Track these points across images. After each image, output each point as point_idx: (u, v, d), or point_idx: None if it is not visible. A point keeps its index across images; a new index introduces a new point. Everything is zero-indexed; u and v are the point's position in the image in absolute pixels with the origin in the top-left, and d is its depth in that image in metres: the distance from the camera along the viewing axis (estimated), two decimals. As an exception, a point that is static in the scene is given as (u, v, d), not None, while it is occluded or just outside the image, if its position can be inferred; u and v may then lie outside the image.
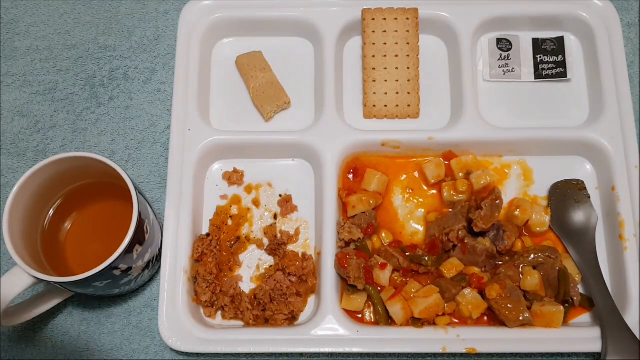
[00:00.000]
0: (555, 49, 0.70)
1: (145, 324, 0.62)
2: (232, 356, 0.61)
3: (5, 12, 0.74)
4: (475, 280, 0.60)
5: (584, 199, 0.64)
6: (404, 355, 0.61)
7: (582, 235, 0.63)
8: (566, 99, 0.69)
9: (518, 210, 0.62)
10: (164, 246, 0.61)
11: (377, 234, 0.64)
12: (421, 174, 0.66)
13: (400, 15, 0.68)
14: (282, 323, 0.60)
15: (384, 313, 0.60)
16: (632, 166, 0.64)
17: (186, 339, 0.58)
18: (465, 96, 0.66)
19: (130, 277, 0.56)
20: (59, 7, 0.75)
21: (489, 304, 0.59)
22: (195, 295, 0.61)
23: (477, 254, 0.61)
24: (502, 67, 0.70)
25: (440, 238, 0.62)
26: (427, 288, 0.60)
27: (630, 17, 0.72)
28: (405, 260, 0.61)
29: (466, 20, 0.68)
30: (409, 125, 0.68)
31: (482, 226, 0.60)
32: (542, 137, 0.66)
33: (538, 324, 0.59)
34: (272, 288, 0.61)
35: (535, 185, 0.66)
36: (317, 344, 0.58)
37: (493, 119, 0.67)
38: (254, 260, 0.64)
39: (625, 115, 0.65)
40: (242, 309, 0.60)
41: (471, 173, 0.64)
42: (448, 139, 0.65)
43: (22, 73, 0.72)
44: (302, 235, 0.65)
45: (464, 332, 0.58)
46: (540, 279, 0.60)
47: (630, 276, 0.60)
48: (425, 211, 0.65)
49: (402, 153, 0.66)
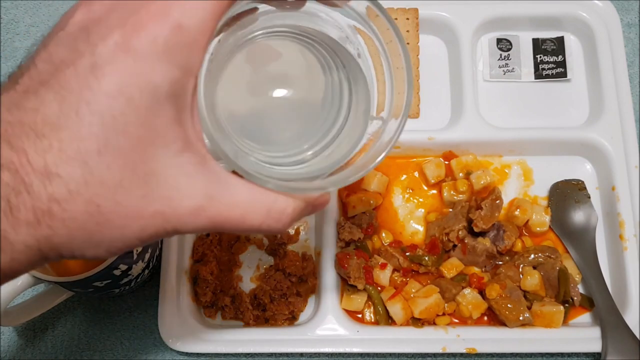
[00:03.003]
0: (555, 49, 0.70)
1: (145, 324, 0.62)
2: (232, 356, 0.61)
3: (5, 12, 0.74)
4: (475, 280, 0.60)
5: (584, 199, 0.64)
6: (404, 355, 0.61)
7: (582, 235, 0.63)
8: (566, 99, 0.69)
9: (518, 210, 0.62)
10: (164, 246, 0.61)
11: (377, 234, 0.64)
12: (421, 174, 0.66)
13: (400, 15, 0.68)
14: (282, 323, 0.60)
15: (384, 313, 0.60)
16: (632, 166, 0.64)
17: (186, 339, 0.58)
18: (465, 96, 0.66)
19: (130, 277, 0.56)
20: (59, 7, 0.74)
21: (489, 304, 0.59)
22: (195, 296, 0.61)
23: (477, 254, 0.61)
24: (502, 67, 0.70)
25: (440, 238, 0.62)
26: (427, 288, 0.60)
27: (630, 17, 0.72)
28: (405, 260, 0.61)
29: (466, 20, 0.68)
30: (409, 125, 0.67)
31: (482, 226, 0.60)
32: (542, 137, 0.66)
33: (538, 324, 0.59)
34: (272, 288, 0.61)
35: (535, 185, 0.66)
36: (317, 344, 0.58)
37: (493, 119, 0.67)
38: (254, 260, 0.64)
39: (625, 115, 0.65)
40: (242, 309, 0.60)
41: (471, 173, 0.64)
42: (448, 139, 0.65)
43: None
44: (302, 235, 0.65)
45: (464, 332, 0.58)
46: (540, 279, 0.60)
47: (630, 276, 0.60)
48: (425, 211, 0.65)
49: (402, 153, 0.66)
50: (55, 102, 0.27)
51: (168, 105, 0.28)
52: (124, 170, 0.27)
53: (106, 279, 0.53)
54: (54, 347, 0.62)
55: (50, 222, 0.27)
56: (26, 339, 0.62)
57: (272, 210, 0.32)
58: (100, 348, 0.62)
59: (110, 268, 0.52)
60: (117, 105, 0.27)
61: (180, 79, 0.28)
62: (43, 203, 0.26)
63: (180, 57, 0.28)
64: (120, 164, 0.27)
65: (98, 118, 0.26)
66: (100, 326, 0.62)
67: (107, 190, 0.27)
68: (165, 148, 0.28)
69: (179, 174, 0.29)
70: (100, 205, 0.27)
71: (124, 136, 0.27)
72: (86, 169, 0.27)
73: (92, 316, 0.63)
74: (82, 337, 0.62)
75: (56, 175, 0.26)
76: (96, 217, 0.27)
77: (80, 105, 0.26)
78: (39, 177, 0.26)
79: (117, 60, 0.27)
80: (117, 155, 0.27)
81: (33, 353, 0.61)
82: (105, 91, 0.27)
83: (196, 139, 0.30)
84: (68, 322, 0.62)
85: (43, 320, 0.62)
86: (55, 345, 0.62)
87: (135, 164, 0.28)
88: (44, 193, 0.26)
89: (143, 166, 0.28)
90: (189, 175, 0.29)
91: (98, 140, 0.27)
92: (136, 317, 0.63)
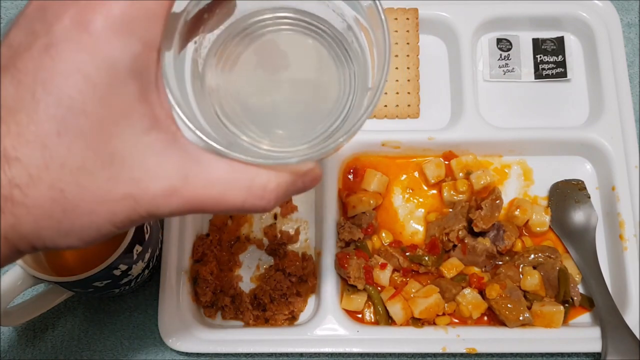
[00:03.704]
0: (555, 49, 0.70)
1: (145, 324, 0.62)
2: (232, 356, 0.61)
3: (5, 12, 0.74)
4: (475, 280, 0.60)
5: (584, 199, 0.64)
6: (404, 355, 0.61)
7: (582, 235, 0.63)
8: (566, 99, 0.69)
9: (518, 210, 0.62)
10: (164, 246, 0.61)
11: (377, 234, 0.64)
12: (421, 174, 0.66)
13: (400, 15, 0.68)
14: (282, 323, 0.60)
15: (384, 313, 0.60)
16: (632, 166, 0.64)
17: (186, 339, 0.58)
18: (465, 96, 0.66)
19: (130, 277, 0.56)
20: (59, 7, 0.74)
21: (489, 304, 0.59)
22: (195, 296, 0.61)
23: (477, 254, 0.61)
24: (502, 67, 0.70)
25: (440, 238, 0.62)
26: (427, 288, 0.60)
27: (630, 17, 0.72)
28: (405, 260, 0.61)
29: (466, 20, 0.68)
30: (409, 125, 0.68)
31: (482, 226, 0.60)
32: (542, 137, 0.66)
33: (538, 324, 0.59)
34: (272, 288, 0.61)
35: (535, 185, 0.66)
36: (317, 344, 0.58)
37: (493, 119, 0.67)
38: (254, 260, 0.64)
39: (625, 115, 0.65)
40: (242, 309, 0.60)
41: (471, 173, 0.64)
42: (448, 139, 0.65)
43: (22, 73, 0.72)
44: (302, 235, 0.65)
45: (464, 332, 0.58)
46: (540, 279, 0.60)
47: (630, 276, 0.60)
48: (425, 211, 0.65)
49: (402, 153, 0.66)
50: (11, 85, 0.26)
51: (131, 81, 0.27)
52: (86, 151, 0.26)
53: (106, 279, 0.53)
54: (54, 347, 0.62)
55: (13, 209, 0.26)
56: (26, 339, 0.62)
57: (254, 187, 0.30)
58: (100, 348, 0.62)
59: (110, 268, 0.52)
60: (73, 83, 0.26)
61: (141, 53, 0.27)
62: (4, 189, 0.26)
63: (139, 29, 0.27)
64: (82, 146, 0.26)
65: (54, 98, 0.26)
66: (100, 326, 0.62)
67: (69, 174, 0.26)
68: (130, 127, 0.27)
69: (147, 153, 0.27)
70: (64, 190, 0.26)
71: (83, 116, 0.26)
72: (46, 151, 0.26)
73: (92, 316, 0.63)
74: (82, 337, 0.62)
75: (15, 159, 0.26)
76: (61, 203, 0.26)
77: (36, 86, 0.26)
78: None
79: (72, 37, 0.26)
80: (77, 136, 0.26)
81: (33, 353, 0.61)
82: (61, 70, 0.26)
83: (165, 116, 0.29)
84: (68, 322, 0.62)
85: (43, 320, 0.62)
86: (55, 345, 0.62)
87: (97, 144, 0.26)
88: (3, 178, 0.26)
89: (106, 147, 0.26)
90: (159, 154, 0.28)
91: (56, 121, 0.26)
92: (136, 317, 0.63)
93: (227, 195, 0.29)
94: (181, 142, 0.29)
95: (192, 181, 0.28)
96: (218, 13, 0.35)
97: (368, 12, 0.34)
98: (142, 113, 0.27)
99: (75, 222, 0.27)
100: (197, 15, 0.34)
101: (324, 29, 0.37)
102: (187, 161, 0.28)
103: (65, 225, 0.27)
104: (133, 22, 0.26)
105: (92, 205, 0.27)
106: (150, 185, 0.28)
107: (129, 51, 0.26)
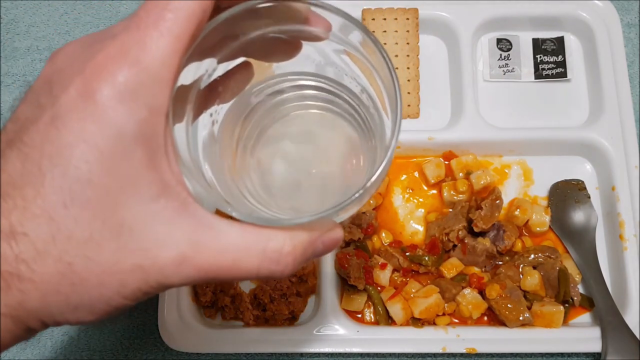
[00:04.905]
0: (555, 49, 0.70)
1: (145, 324, 0.62)
2: (232, 356, 0.61)
3: (5, 12, 0.74)
4: (475, 280, 0.60)
5: (584, 199, 0.64)
6: (404, 355, 0.61)
7: (582, 235, 0.63)
8: (566, 99, 0.69)
9: (518, 210, 0.62)
10: (164, 246, 0.61)
11: (377, 234, 0.64)
12: (421, 174, 0.66)
13: (400, 15, 0.68)
14: (282, 323, 0.60)
15: (384, 313, 0.60)
16: (632, 166, 0.64)
17: (186, 339, 0.58)
18: (465, 96, 0.66)
19: (130, 277, 0.56)
20: (59, 7, 0.74)
21: (489, 304, 0.59)
22: (195, 296, 0.61)
23: (477, 254, 0.61)
24: (502, 67, 0.70)
25: (440, 238, 0.62)
26: (427, 288, 0.60)
27: (630, 17, 0.72)
28: (405, 260, 0.61)
29: (466, 20, 0.68)
30: (408, 125, 0.68)
31: (482, 226, 0.60)
32: (542, 137, 0.66)
33: (538, 324, 0.59)
34: (272, 288, 0.61)
35: (535, 185, 0.66)
36: (317, 344, 0.58)
37: (493, 119, 0.67)
38: (254, 260, 0.64)
39: (625, 115, 0.65)
40: (242, 309, 0.60)
41: (471, 173, 0.64)
42: (448, 139, 0.65)
43: (22, 73, 0.72)
44: (302, 235, 0.65)
45: (464, 332, 0.58)
46: (540, 279, 0.60)
47: (630, 276, 0.60)
48: (425, 211, 0.65)
49: (402, 153, 0.66)
50: (17, 160, 0.26)
51: (138, 148, 0.26)
52: (93, 222, 0.25)
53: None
54: (54, 347, 0.62)
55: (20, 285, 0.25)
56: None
57: (268, 250, 0.28)
58: (100, 348, 0.62)
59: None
60: (79, 153, 0.25)
61: (148, 119, 0.26)
62: (10, 265, 0.25)
63: (145, 95, 0.26)
64: (89, 217, 0.25)
65: (60, 170, 0.25)
66: (100, 326, 0.62)
67: (76, 246, 0.25)
68: (138, 195, 0.26)
69: (156, 221, 0.27)
70: (72, 263, 0.25)
71: (89, 186, 0.25)
72: (53, 224, 0.25)
73: (92, 316, 0.63)
74: (82, 337, 0.62)
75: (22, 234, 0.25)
76: (69, 276, 0.26)
77: (43, 159, 0.25)
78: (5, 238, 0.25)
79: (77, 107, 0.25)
80: (84, 207, 0.25)
81: (33, 353, 0.61)
82: (66, 141, 0.25)
83: (175, 182, 0.28)
84: (68, 322, 0.62)
85: (43, 320, 0.62)
86: (55, 345, 0.62)
87: (104, 214, 0.26)
88: (10, 254, 0.25)
89: (114, 217, 0.26)
90: (168, 222, 0.27)
91: (62, 193, 0.25)
92: (136, 317, 0.63)
93: (240, 262, 0.28)
94: (192, 209, 0.28)
95: (203, 248, 0.28)
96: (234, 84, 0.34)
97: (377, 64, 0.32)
98: (150, 180, 0.27)
99: (84, 295, 0.26)
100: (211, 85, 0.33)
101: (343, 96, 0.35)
102: (197, 228, 0.28)
103: (73, 299, 0.26)
104: (138, 88, 0.26)
105: (101, 277, 0.26)
106: (159, 255, 0.27)
107: (134, 117, 0.26)
